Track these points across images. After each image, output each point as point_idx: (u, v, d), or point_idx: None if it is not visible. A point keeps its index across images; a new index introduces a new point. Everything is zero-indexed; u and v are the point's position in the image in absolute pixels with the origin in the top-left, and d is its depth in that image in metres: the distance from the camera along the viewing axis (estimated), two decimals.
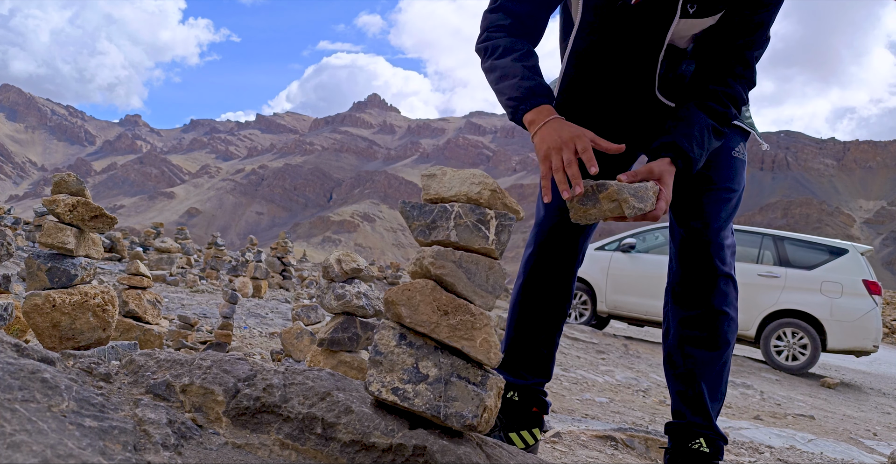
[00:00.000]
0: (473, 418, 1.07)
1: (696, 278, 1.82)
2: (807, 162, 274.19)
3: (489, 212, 1.14)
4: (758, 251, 8.08)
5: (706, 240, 1.79)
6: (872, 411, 5.61)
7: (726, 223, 1.83)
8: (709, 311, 1.82)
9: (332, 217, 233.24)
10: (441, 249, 1.13)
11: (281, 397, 1.10)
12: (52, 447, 0.84)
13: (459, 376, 1.10)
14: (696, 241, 1.80)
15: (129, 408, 1.04)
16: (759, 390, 5.63)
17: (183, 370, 1.15)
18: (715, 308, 1.81)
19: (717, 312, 1.81)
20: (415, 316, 1.11)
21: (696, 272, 1.82)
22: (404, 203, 1.19)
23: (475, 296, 1.14)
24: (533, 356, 2.00)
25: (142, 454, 0.93)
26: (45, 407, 0.94)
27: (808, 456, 3.01)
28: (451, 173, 1.19)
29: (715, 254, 1.80)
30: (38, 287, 2.02)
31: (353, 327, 2.19)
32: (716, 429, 1.83)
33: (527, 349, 1.99)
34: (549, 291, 1.98)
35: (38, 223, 10.18)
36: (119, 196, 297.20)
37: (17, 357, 1.08)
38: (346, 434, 1.05)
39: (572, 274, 2.01)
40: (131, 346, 2.21)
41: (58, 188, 2.04)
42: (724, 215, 1.82)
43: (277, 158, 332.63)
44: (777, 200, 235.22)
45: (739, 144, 1.87)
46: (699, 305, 1.82)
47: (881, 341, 8.36)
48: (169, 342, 3.50)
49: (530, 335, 1.99)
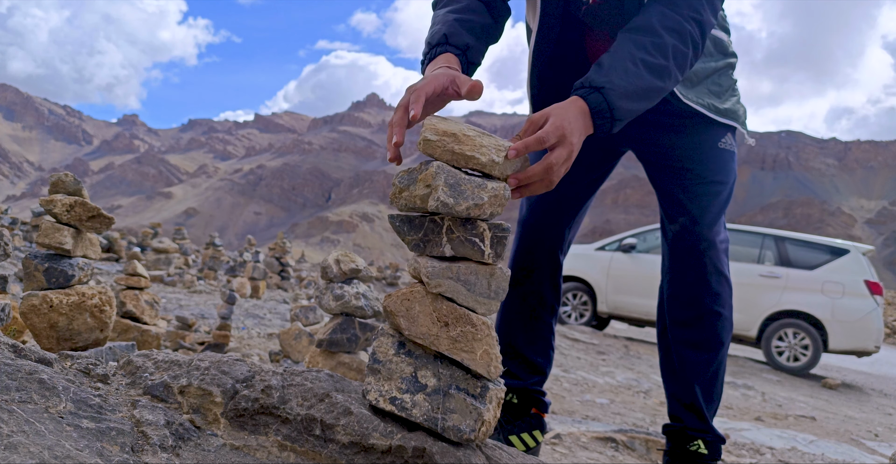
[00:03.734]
0: (471, 432, 1.06)
1: (688, 278, 1.78)
2: (808, 162, 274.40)
3: (482, 224, 1.09)
4: (759, 251, 8.07)
5: (697, 237, 1.74)
6: (874, 412, 5.61)
7: (717, 218, 1.77)
8: (702, 311, 1.78)
9: (330, 217, 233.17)
10: (436, 268, 1.08)
11: (279, 399, 1.09)
12: (50, 449, 0.83)
13: (458, 387, 1.08)
14: (686, 238, 1.75)
15: (127, 409, 1.03)
16: (761, 391, 5.62)
17: (181, 371, 1.14)
18: (708, 308, 1.77)
19: (710, 313, 1.77)
20: (414, 328, 1.09)
21: (688, 271, 1.77)
22: (392, 218, 1.12)
23: (476, 305, 1.11)
24: (527, 356, 1.97)
25: (139, 456, 0.92)
26: (43, 408, 0.93)
27: (809, 457, 3.00)
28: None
29: (706, 252, 1.74)
30: (36, 288, 2.01)
31: (351, 328, 2.18)
32: (713, 430, 1.81)
33: (519, 349, 1.97)
34: (537, 288, 1.95)
35: (36, 223, 10.16)
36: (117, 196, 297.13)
37: (15, 358, 1.07)
38: (345, 436, 1.04)
39: (558, 267, 1.98)
40: (129, 347, 2.20)
41: (55, 188, 2.03)
42: (715, 210, 1.76)
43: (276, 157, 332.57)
44: (778, 200, 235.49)
45: (726, 134, 1.78)
46: (692, 306, 1.78)
47: (883, 342, 8.37)
48: (167, 343, 3.49)
49: (522, 335, 1.96)
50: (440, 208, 1.04)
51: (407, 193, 1.10)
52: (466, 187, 1.05)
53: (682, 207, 1.74)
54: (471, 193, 1.05)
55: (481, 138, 1.09)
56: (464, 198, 1.04)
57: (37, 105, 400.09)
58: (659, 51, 1.33)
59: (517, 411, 1.96)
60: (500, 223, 1.13)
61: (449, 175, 1.05)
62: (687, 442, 1.79)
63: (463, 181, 1.05)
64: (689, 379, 1.80)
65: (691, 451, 1.78)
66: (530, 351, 1.98)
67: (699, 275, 1.76)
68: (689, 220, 1.74)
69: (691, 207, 1.74)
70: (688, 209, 1.74)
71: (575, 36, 1.78)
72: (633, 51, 1.31)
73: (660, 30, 1.34)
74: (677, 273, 1.80)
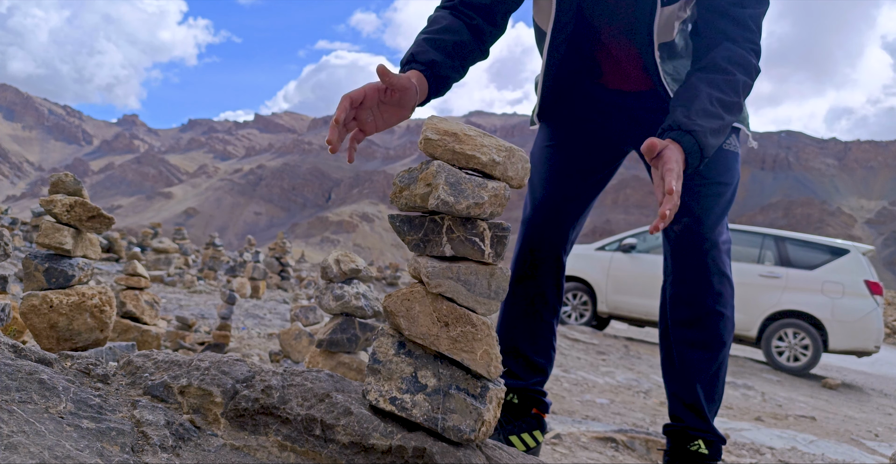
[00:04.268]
0: (471, 433, 1.06)
1: (690, 278, 1.78)
2: (808, 162, 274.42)
3: (482, 224, 1.09)
4: (759, 251, 8.08)
5: (699, 238, 1.74)
6: (874, 412, 5.61)
7: (720, 219, 1.78)
8: (704, 311, 1.78)
9: (330, 217, 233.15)
10: (436, 268, 1.08)
11: (279, 399, 1.09)
12: (50, 449, 0.83)
13: (458, 387, 1.08)
14: (688, 239, 1.76)
15: (127, 409, 1.03)
16: (761, 391, 5.62)
17: (181, 371, 1.14)
18: (710, 308, 1.77)
19: (712, 313, 1.78)
20: (414, 328, 1.09)
21: (690, 272, 1.78)
22: (392, 218, 1.12)
23: (477, 305, 1.11)
24: (528, 356, 1.98)
25: (139, 456, 0.92)
26: (43, 408, 0.94)
27: (809, 457, 3.00)
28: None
29: (708, 252, 1.75)
30: (36, 288, 2.01)
31: (351, 328, 2.18)
32: (713, 430, 1.81)
33: (521, 350, 1.97)
34: (540, 289, 1.96)
35: (36, 224, 10.16)
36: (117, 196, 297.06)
37: (15, 358, 1.07)
38: (345, 436, 1.04)
39: (561, 268, 1.99)
40: (129, 347, 2.20)
41: (55, 188, 2.03)
42: (718, 211, 1.76)
43: (276, 157, 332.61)
44: (778, 200, 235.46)
45: (731, 136, 1.80)
46: (694, 306, 1.79)
47: (883, 342, 8.36)
48: (167, 343, 3.49)
49: (524, 335, 1.97)
50: (440, 207, 1.04)
51: (407, 192, 1.09)
52: (467, 186, 1.05)
53: (686, 207, 1.74)
54: (471, 192, 1.04)
55: (482, 138, 1.09)
56: (464, 197, 1.04)
57: (37, 105, 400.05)
58: (731, 88, 1.49)
59: (518, 412, 1.96)
60: (501, 223, 1.13)
61: (449, 174, 1.04)
62: (687, 442, 1.79)
63: (463, 180, 1.05)
64: (691, 379, 1.80)
65: (692, 451, 1.78)
66: (532, 351, 1.98)
67: (701, 275, 1.76)
68: (693, 220, 1.74)
69: (695, 208, 1.73)
70: (691, 210, 1.73)
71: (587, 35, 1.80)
72: (710, 91, 1.46)
73: (729, 67, 1.50)
74: (679, 273, 1.80)
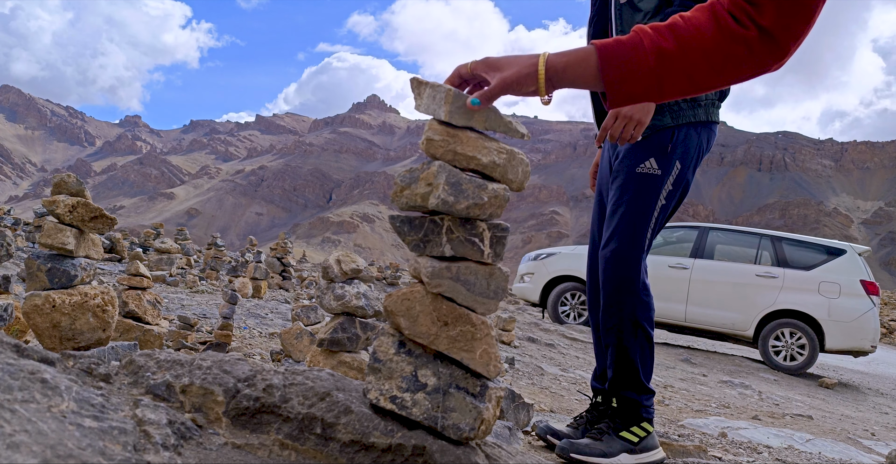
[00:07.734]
0: (471, 431, 1.07)
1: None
2: (804, 163, 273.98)
3: (481, 225, 1.10)
4: (756, 252, 8.09)
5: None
6: (870, 410, 5.62)
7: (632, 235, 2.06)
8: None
9: (331, 218, 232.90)
10: (436, 268, 1.09)
11: (281, 398, 1.10)
12: (52, 448, 0.84)
13: (458, 386, 1.09)
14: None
15: (129, 408, 1.04)
16: (758, 390, 5.63)
17: (183, 371, 1.15)
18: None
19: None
20: (414, 328, 1.10)
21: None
22: (393, 218, 1.14)
23: (476, 305, 1.12)
24: None
25: (142, 455, 0.93)
26: (45, 408, 0.95)
27: (806, 456, 3.01)
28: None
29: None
30: (38, 288, 2.02)
31: (352, 328, 2.19)
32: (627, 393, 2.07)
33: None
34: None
35: (38, 224, 10.17)
36: (119, 197, 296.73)
37: (17, 358, 1.08)
38: (345, 434, 1.05)
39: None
40: (131, 346, 2.21)
41: (58, 189, 2.04)
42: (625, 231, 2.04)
43: (277, 158, 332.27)
44: (775, 201, 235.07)
45: (648, 159, 1.94)
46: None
47: (879, 342, 8.37)
48: (169, 343, 3.50)
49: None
50: (440, 206, 1.05)
51: (408, 192, 1.10)
52: (467, 187, 1.06)
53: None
54: (471, 193, 1.06)
55: (483, 140, 1.11)
56: (464, 197, 1.05)
57: (39, 106, 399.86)
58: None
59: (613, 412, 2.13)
60: (500, 224, 1.14)
61: (450, 174, 1.06)
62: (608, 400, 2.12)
63: (464, 181, 1.06)
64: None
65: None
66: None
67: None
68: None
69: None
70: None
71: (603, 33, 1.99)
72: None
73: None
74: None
